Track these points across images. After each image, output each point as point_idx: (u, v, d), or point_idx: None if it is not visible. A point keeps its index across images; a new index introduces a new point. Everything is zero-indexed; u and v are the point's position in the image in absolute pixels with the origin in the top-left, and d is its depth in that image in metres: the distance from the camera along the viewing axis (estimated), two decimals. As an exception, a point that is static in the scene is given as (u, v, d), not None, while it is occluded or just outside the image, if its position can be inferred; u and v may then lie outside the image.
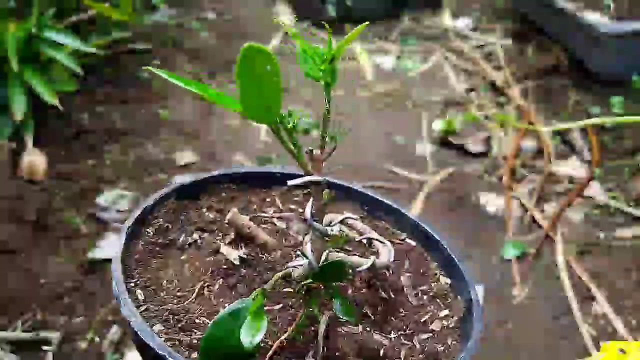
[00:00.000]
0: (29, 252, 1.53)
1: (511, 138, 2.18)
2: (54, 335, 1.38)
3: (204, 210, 0.67)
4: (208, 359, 0.41)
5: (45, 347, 1.37)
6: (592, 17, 2.18)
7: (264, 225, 0.66)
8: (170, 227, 0.63)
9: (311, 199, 0.53)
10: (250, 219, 0.62)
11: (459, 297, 0.61)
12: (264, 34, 3.04)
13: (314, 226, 0.52)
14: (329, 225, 0.54)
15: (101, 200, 1.77)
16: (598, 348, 1.32)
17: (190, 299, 0.53)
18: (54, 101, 1.69)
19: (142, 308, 0.51)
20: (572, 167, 2.01)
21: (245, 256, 0.59)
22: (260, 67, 0.41)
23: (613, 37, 2.06)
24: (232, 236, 0.61)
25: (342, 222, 0.58)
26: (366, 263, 0.54)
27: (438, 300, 0.61)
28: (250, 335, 0.40)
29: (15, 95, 1.69)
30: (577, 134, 2.15)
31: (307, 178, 0.53)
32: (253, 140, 2.21)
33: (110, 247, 1.63)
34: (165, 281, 0.56)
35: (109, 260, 1.71)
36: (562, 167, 2.01)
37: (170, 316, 0.51)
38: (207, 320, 0.50)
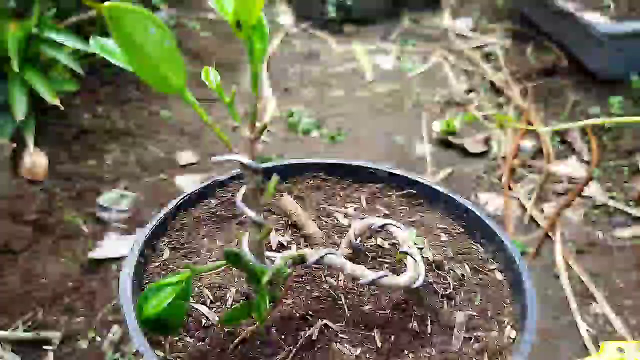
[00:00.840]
0: (29, 252, 1.54)
1: (510, 138, 2.18)
2: (55, 335, 1.39)
3: (282, 193, 0.68)
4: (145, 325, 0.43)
5: (45, 347, 1.37)
6: (592, 17, 2.18)
7: (325, 219, 0.63)
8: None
9: (244, 187, 0.49)
10: (314, 210, 0.61)
11: None
12: (264, 34, 3.04)
13: (245, 212, 0.47)
14: (368, 229, 0.51)
15: (102, 200, 1.77)
16: (597, 347, 1.32)
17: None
18: (55, 101, 1.69)
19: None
20: (572, 167, 2.01)
21: (285, 243, 0.58)
22: (136, 32, 0.36)
23: (612, 37, 2.06)
24: (286, 222, 0.61)
25: (382, 227, 0.52)
26: (363, 277, 0.48)
27: (485, 357, 0.49)
28: (150, 305, 0.41)
29: (16, 96, 1.69)
30: (576, 134, 2.15)
31: (229, 156, 0.46)
32: (253, 140, 2.21)
33: (110, 247, 1.63)
34: (204, 247, 0.60)
35: (109, 260, 1.71)
36: (562, 167, 2.02)
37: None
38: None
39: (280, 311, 0.51)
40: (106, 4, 0.36)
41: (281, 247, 0.58)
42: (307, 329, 0.49)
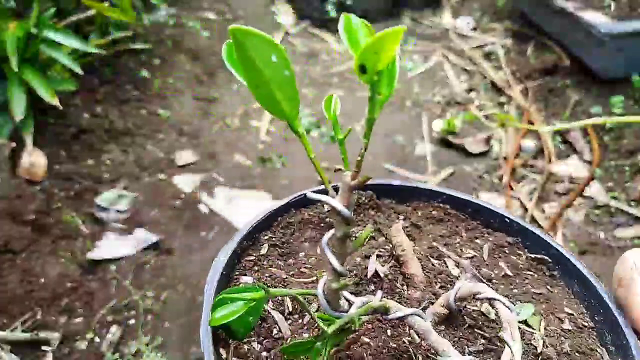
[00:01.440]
0: (28, 252, 1.53)
1: (511, 138, 2.17)
2: (54, 336, 1.38)
3: (398, 215, 0.60)
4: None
5: (44, 347, 1.37)
6: (593, 16, 2.17)
7: (434, 261, 0.54)
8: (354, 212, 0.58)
9: (332, 230, 0.43)
10: (426, 246, 0.53)
11: None
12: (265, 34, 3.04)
13: (328, 258, 0.42)
14: (472, 296, 0.43)
15: (100, 200, 1.76)
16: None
17: (293, 274, 0.53)
18: (54, 101, 1.68)
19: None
20: (573, 167, 2.00)
21: (382, 274, 0.51)
22: (258, 56, 0.37)
23: (613, 37, 2.06)
24: (392, 249, 0.53)
25: (489, 300, 0.43)
26: (444, 355, 0.39)
27: None
28: (220, 314, 0.41)
29: (15, 95, 1.69)
30: (577, 133, 2.14)
31: (324, 199, 0.41)
32: (253, 139, 2.21)
33: (109, 247, 1.63)
34: (303, 250, 0.56)
35: (108, 260, 1.70)
36: (563, 167, 2.01)
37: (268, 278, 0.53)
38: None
39: (351, 350, 0.46)
40: (232, 26, 0.36)
41: (376, 276, 0.51)
42: None
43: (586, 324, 0.49)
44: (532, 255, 0.53)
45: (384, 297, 0.49)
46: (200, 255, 1.65)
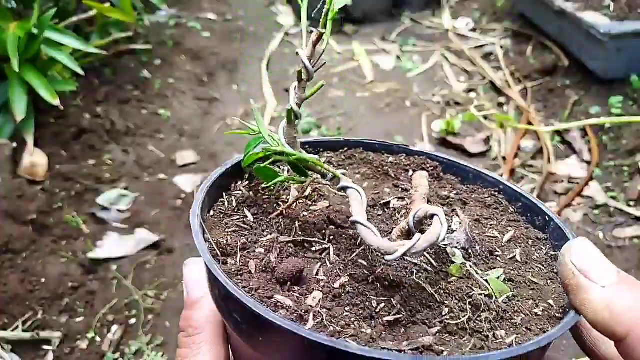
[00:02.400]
0: (29, 252, 1.53)
1: (511, 138, 2.18)
2: (55, 335, 1.38)
3: (451, 191, 0.62)
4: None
5: (45, 347, 1.37)
6: (592, 17, 2.18)
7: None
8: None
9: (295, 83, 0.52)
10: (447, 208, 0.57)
11: None
12: (265, 34, 3.04)
13: (290, 101, 0.53)
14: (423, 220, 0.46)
15: (101, 200, 1.77)
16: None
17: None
18: (55, 101, 1.69)
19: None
20: (572, 167, 2.01)
21: (392, 206, 0.56)
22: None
23: (612, 38, 2.06)
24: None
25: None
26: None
27: None
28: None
29: (16, 95, 1.69)
30: (576, 134, 2.15)
31: (298, 51, 0.51)
32: (253, 140, 2.21)
33: (110, 247, 1.63)
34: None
35: (109, 260, 1.71)
36: (562, 167, 2.01)
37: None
38: None
39: (299, 206, 0.53)
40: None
41: (387, 205, 0.55)
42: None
43: (558, 315, 0.48)
44: (553, 252, 0.52)
45: (380, 223, 0.52)
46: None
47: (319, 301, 0.42)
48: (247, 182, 0.56)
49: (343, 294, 0.43)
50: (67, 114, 2.02)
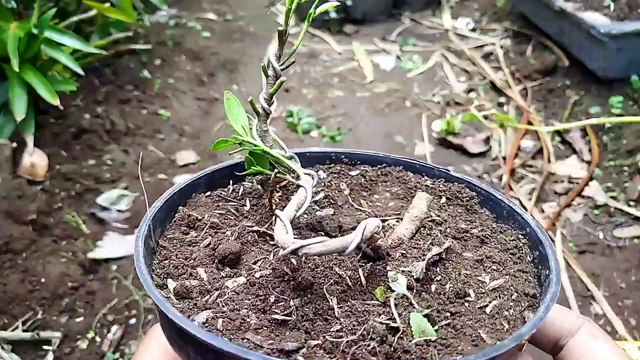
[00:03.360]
0: (29, 252, 1.53)
1: (511, 138, 2.18)
2: (55, 335, 1.38)
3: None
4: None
5: (45, 347, 1.37)
6: (592, 17, 2.18)
7: (425, 237, 0.54)
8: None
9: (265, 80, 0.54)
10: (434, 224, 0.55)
11: None
12: (265, 34, 3.04)
13: (260, 104, 0.56)
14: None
15: (101, 200, 1.77)
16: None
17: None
18: (55, 101, 1.69)
19: None
20: (572, 167, 2.01)
21: (385, 222, 0.55)
22: None
23: (613, 38, 2.06)
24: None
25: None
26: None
27: None
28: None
29: (16, 95, 1.69)
30: (576, 134, 2.15)
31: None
32: (253, 140, 2.21)
33: (110, 247, 1.63)
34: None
35: (109, 260, 1.71)
36: (562, 167, 2.01)
37: None
38: None
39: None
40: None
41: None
42: None
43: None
44: (528, 312, 0.46)
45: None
46: (200, 255, 1.66)
47: (238, 285, 0.44)
48: (259, 177, 0.57)
49: (256, 284, 0.44)
50: (67, 114, 2.03)
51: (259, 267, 0.47)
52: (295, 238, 0.42)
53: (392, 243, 0.49)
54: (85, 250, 1.59)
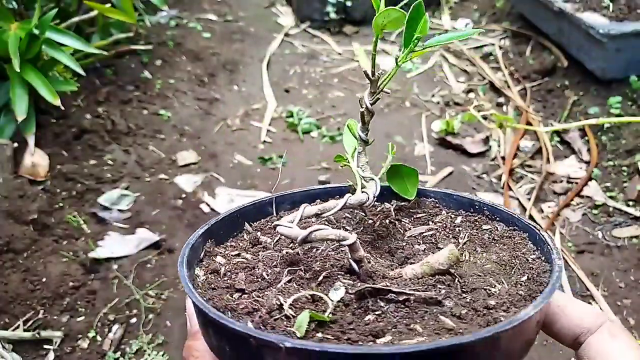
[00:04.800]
0: (30, 252, 1.54)
1: (510, 138, 2.18)
2: (56, 334, 1.39)
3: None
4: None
5: (46, 346, 1.38)
6: (591, 17, 2.19)
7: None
8: None
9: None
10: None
11: None
12: (265, 35, 3.05)
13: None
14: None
15: (103, 200, 1.78)
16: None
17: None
18: (56, 101, 1.69)
19: None
20: (571, 167, 2.02)
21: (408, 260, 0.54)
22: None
23: (612, 38, 2.07)
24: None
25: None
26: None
27: None
28: None
29: (17, 96, 1.70)
30: (575, 134, 2.16)
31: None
32: (254, 140, 2.22)
33: (111, 246, 1.64)
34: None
35: (110, 260, 1.71)
36: (561, 167, 2.02)
37: None
38: None
39: None
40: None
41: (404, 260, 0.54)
42: None
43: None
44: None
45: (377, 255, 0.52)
46: (201, 254, 1.66)
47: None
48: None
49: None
50: (68, 114, 2.03)
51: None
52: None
53: (388, 274, 0.48)
54: (86, 249, 1.60)
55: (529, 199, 1.88)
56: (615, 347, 0.42)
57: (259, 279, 0.47)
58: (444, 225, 0.56)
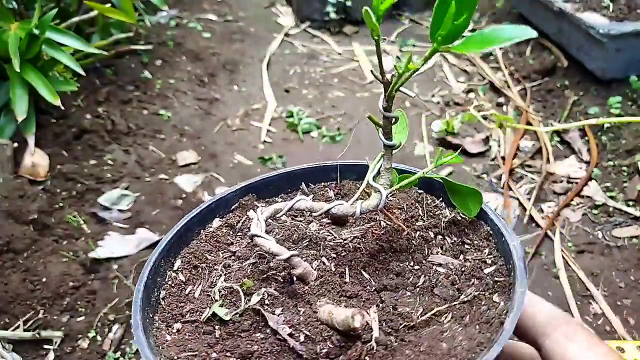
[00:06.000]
0: (30, 252, 1.54)
1: (510, 138, 2.19)
2: (56, 334, 1.39)
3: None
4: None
5: (46, 346, 1.38)
6: (591, 17, 2.19)
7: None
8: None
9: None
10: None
11: None
12: (265, 35, 3.05)
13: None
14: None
15: (103, 200, 1.78)
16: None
17: None
18: (56, 101, 1.69)
19: None
20: (571, 167, 2.02)
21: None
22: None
23: (612, 38, 2.07)
24: None
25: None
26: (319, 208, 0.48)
27: None
28: None
29: (17, 96, 1.70)
30: (575, 134, 2.16)
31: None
32: (254, 140, 2.22)
33: (111, 246, 1.64)
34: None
35: (110, 260, 1.71)
36: (561, 167, 2.02)
37: None
38: None
39: None
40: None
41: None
42: None
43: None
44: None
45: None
46: (201, 254, 1.66)
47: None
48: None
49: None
50: (68, 114, 2.03)
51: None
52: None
53: (312, 301, 0.47)
54: (87, 249, 1.60)
55: (529, 199, 1.88)
56: (571, 350, 0.42)
57: (224, 259, 0.51)
58: (468, 269, 0.49)
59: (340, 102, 2.49)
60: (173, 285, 0.50)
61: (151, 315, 0.46)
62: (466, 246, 0.52)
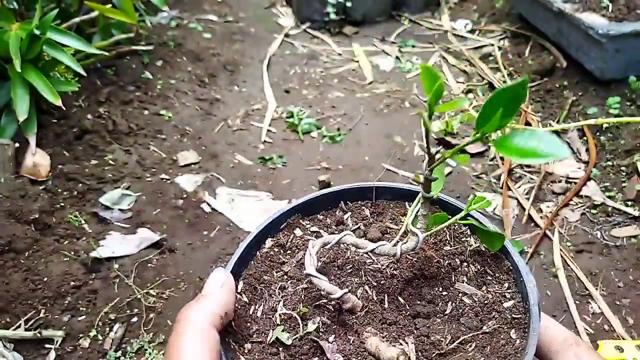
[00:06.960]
0: (32, 252, 1.55)
1: (509, 138, 2.19)
2: (57, 334, 1.40)
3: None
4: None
5: (48, 345, 1.38)
6: (590, 18, 2.19)
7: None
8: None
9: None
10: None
11: None
12: (265, 36, 3.06)
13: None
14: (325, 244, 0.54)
15: (104, 199, 1.78)
16: (596, 346, 1.33)
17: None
18: (57, 102, 1.70)
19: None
20: (570, 167, 2.02)
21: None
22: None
23: (611, 38, 2.08)
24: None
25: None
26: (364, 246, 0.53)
27: None
28: None
29: (18, 96, 1.70)
30: (574, 134, 2.16)
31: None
32: (254, 140, 2.23)
33: (112, 246, 1.65)
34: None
35: (111, 259, 1.72)
36: (560, 167, 2.03)
37: None
38: None
39: None
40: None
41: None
42: None
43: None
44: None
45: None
46: (202, 253, 1.67)
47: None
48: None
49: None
50: (69, 114, 2.04)
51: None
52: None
53: (360, 331, 0.51)
54: (88, 249, 1.60)
55: (528, 199, 1.88)
56: None
57: (288, 279, 0.56)
58: (490, 301, 0.53)
59: (340, 102, 2.49)
60: (239, 307, 0.53)
61: (226, 340, 0.50)
62: (488, 277, 0.56)
